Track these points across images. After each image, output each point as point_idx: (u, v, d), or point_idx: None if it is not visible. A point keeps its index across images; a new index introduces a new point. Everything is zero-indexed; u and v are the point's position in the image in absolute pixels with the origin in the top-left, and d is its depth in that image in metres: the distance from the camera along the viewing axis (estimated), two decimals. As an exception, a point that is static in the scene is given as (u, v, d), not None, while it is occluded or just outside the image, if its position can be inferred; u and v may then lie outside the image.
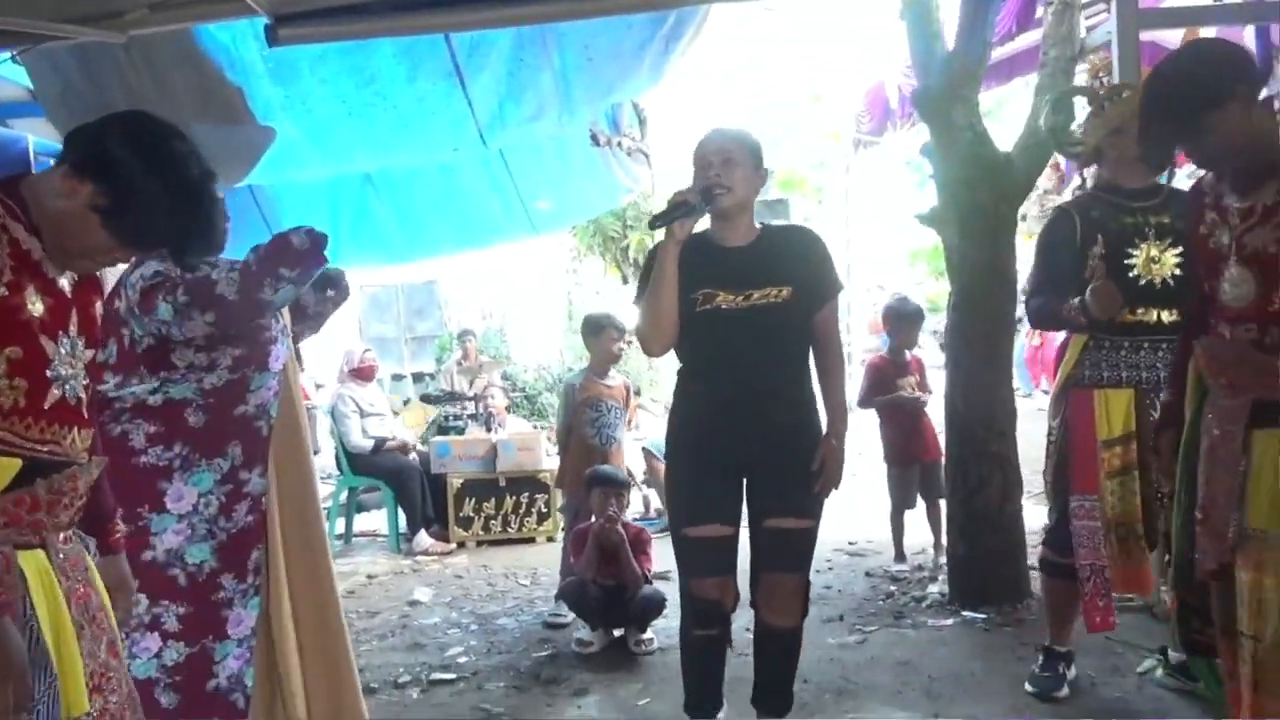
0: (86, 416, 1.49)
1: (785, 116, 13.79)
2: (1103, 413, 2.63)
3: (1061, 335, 2.92)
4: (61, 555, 1.46)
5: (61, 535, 1.46)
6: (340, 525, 5.78)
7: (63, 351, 1.42)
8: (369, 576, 4.91)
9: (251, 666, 2.26)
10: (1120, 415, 2.61)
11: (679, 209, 2.25)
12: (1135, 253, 2.57)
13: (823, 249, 2.42)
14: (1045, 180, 7.26)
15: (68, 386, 1.43)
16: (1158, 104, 1.89)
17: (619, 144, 6.00)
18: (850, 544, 4.83)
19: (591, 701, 3.01)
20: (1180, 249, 2.57)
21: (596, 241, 11.36)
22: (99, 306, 1.56)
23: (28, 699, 1.31)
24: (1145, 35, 4.21)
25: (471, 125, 4.50)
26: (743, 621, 2.61)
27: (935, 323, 6.10)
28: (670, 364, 2.49)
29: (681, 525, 2.37)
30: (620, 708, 2.95)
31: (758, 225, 2.40)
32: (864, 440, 7.58)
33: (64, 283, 1.45)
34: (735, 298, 2.28)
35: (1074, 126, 2.92)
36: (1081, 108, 2.85)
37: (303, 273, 2.20)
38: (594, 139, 5.67)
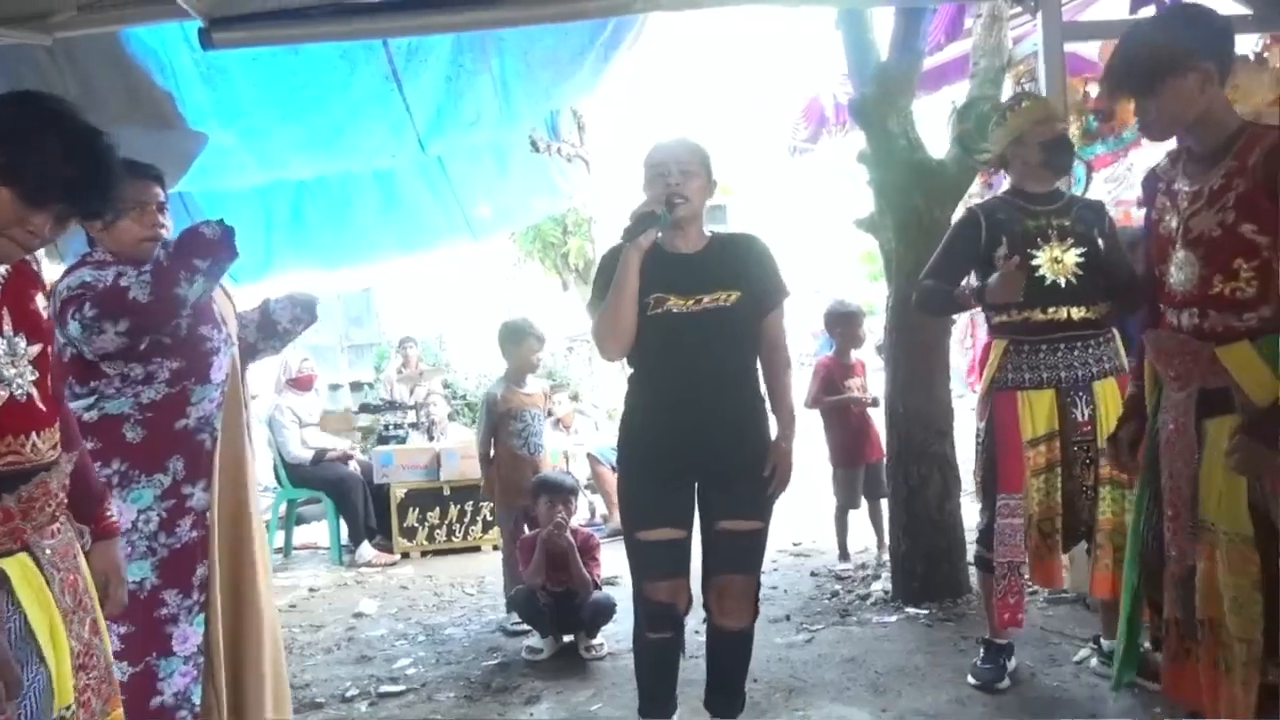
0: (45, 410, 1.47)
1: (722, 124, 13.95)
2: (1026, 413, 2.71)
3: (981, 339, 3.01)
4: (49, 550, 1.47)
5: (48, 530, 1.47)
6: (280, 539, 5.68)
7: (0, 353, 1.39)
8: (311, 589, 4.82)
9: (199, 684, 2.21)
10: (1043, 415, 2.69)
11: (646, 220, 2.29)
12: (1038, 254, 2.66)
13: (770, 255, 2.47)
14: (976, 186, 7.47)
15: (14, 386, 1.41)
16: (1126, 55, 1.91)
17: (558, 150, 6.01)
18: (795, 545, 4.90)
19: (543, 708, 3.00)
20: (1082, 250, 2.68)
21: (536, 247, 11.33)
22: (40, 300, 1.53)
23: (17, 689, 1.36)
24: (1069, 47, 4.38)
25: (410, 131, 4.46)
26: (693, 624, 2.63)
27: (874, 327, 6.23)
28: (611, 368, 2.51)
29: (634, 529, 2.39)
30: (572, 713, 2.95)
31: (707, 233, 2.45)
32: (808, 441, 7.71)
33: None
34: (686, 302, 2.32)
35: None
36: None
37: (214, 264, 2.17)
38: (534, 145, 5.66)
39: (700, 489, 2.39)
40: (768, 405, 2.45)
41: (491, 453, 4.01)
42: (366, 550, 5.30)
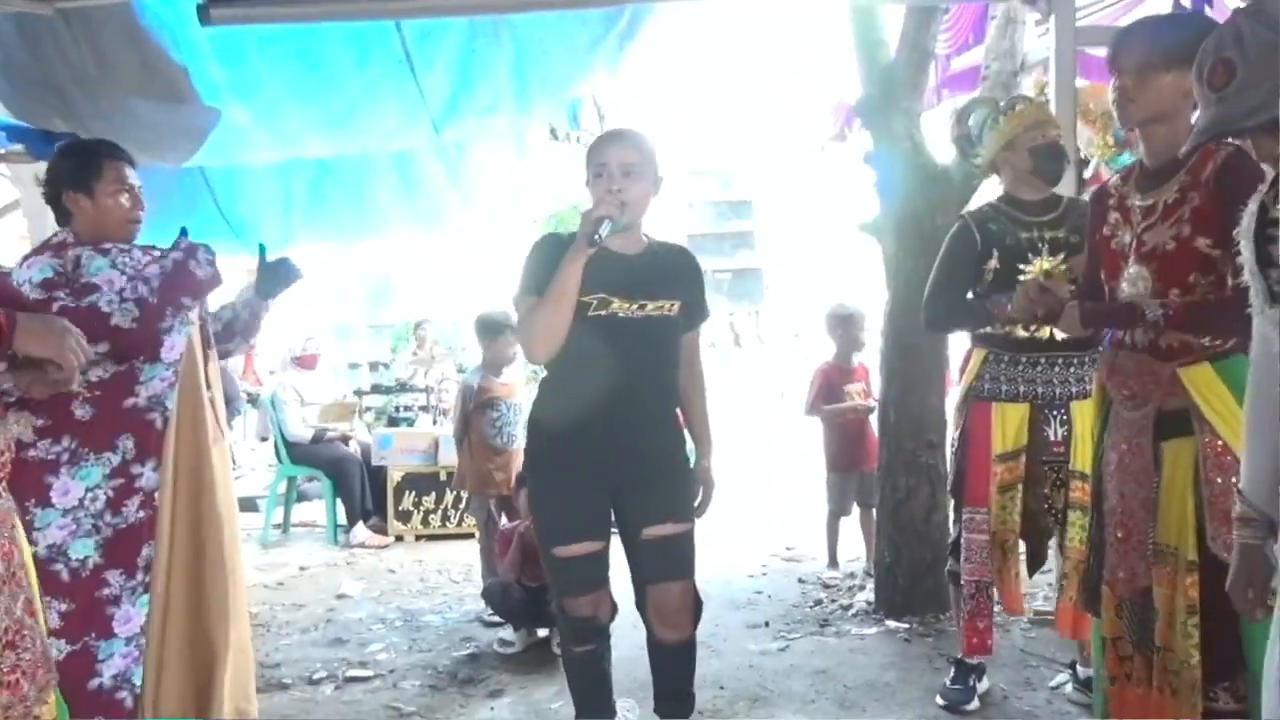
0: None
1: (749, 115, 13.83)
2: (999, 426, 2.66)
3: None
4: None
5: None
6: (279, 515, 5.75)
7: None
8: (301, 568, 4.87)
9: (140, 665, 2.22)
10: (1014, 429, 2.64)
11: (601, 225, 2.18)
12: (1028, 268, 2.59)
13: (700, 272, 2.47)
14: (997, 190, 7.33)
15: None
16: (1131, 31, 1.93)
17: (577, 138, 6.00)
18: (787, 549, 4.86)
19: (504, 703, 3.00)
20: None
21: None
22: None
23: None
24: (1096, 52, 4.27)
25: (424, 114, 4.47)
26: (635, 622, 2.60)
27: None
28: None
29: (550, 544, 2.32)
30: (532, 710, 2.95)
31: (644, 238, 2.38)
32: (804, 445, 7.65)
33: None
34: (630, 305, 2.26)
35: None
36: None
37: (202, 301, 2.22)
38: (553, 133, 5.66)
39: (620, 497, 2.32)
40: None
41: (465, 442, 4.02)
42: (360, 531, 5.35)
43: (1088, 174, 4.25)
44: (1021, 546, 2.73)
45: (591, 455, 2.28)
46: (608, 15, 4.05)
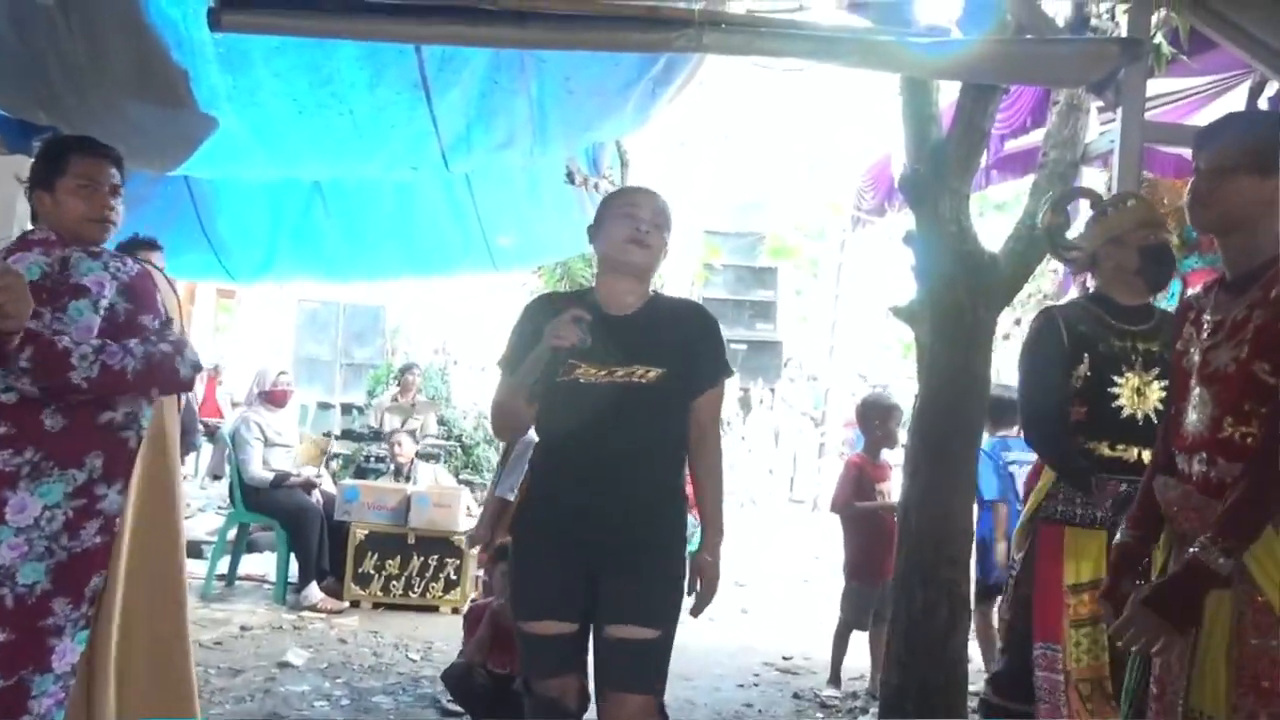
0: None
1: (779, 180, 14.01)
2: (1072, 554, 2.62)
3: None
4: None
5: None
6: (224, 565, 5.68)
7: None
8: (243, 628, 4.79)
9: (63, 709, 2.18)
10: (1091, 559, 2.59)
11: (565, 350, 2.22)
12: (1120, 380, 2.59)
13: (713, 328, 2.41)
14: (1048, 285, 7.40)
15: None
16: (1217, 128, 1.93)
17: (596, 185, 6.09)
18: (784, 659, 4.78)
19: (455, 805, 2.92)
20: (1167, 381, 2.59)
21: (564, 286, 11.39)
22: None
23: None
24: (1169, 149, 4.33)
25: (434, 144, 4.54)
26: None
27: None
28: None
29: (519, 617, 2.34)
30: (487, 816, 2.87)
31: (650, 292, 2.40)
32: (816, 546, 7.58)
33: None
34: (597, 372, 2.25)
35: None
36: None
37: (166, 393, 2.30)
38: (569, 177, 5.74)
39: (595, 581, 2.28)
40: (687, 496, 2.41)
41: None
42: (313, 592, 5.27)
43: None
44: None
45: (570, 531, 2.27)
46: (643, 59, 4.12)
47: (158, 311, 2.39)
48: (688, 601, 2.35)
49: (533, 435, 4.38)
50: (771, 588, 6.33)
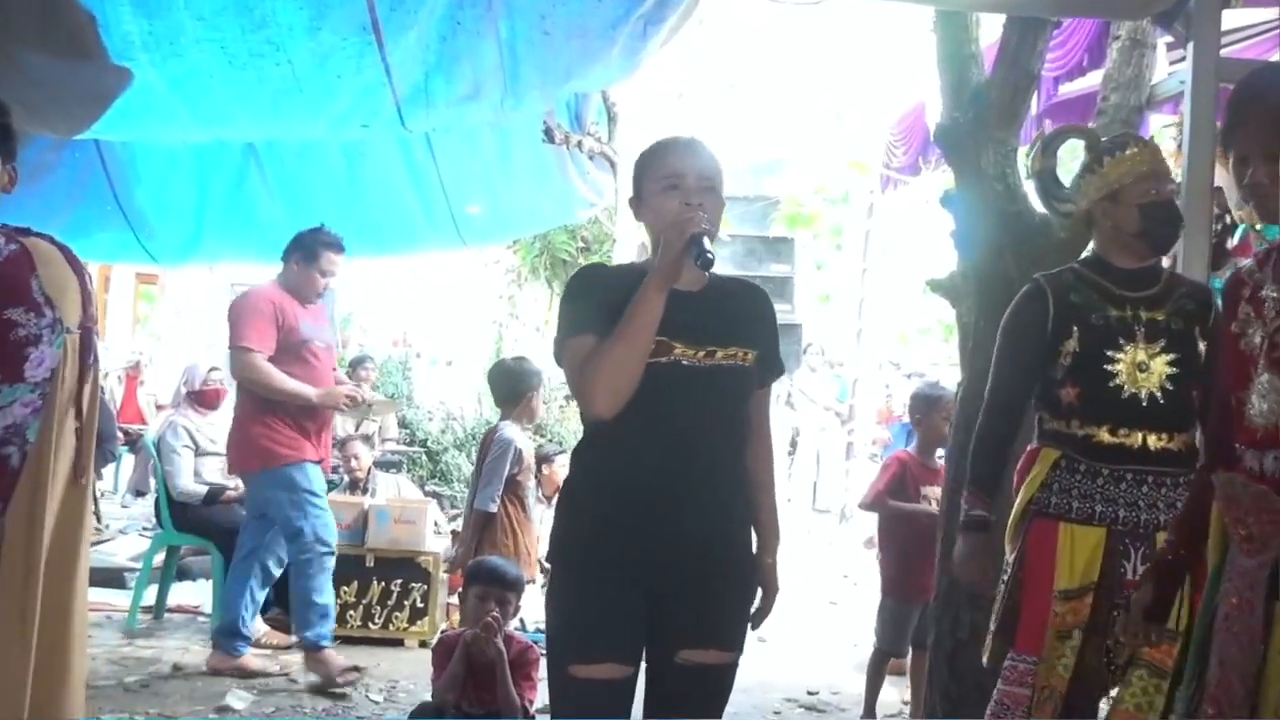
0: None
1: (796, 135, 13.99)
2: (1065, 554, 2.65)
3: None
4: None
5: None
6: (151, 595, 5.69)
7: None
8: (175, 667, 4.80)
9: None
10: (1084, 559, 2.63)
11: (701, 239, 2.21)
12: (1119, 356, 2.61)
13: (775, 317, 2.48)
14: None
15: None
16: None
17: (579, 144, 6.09)
18: (809, 694, 4.80)
19: None
20: (1175, 355, 2.63)
21: (543, 264, 11.41)
22: None
23: None
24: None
25: (388, 98, 4.53)
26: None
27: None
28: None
29: (566, 659, 2.28)
30: None
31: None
32: (853, 561, 7.60)
33: None
34: (696, 353, 2.27)
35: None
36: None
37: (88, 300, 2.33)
38: (548, 134, 5.75)
39: (657, 604, 2.29)
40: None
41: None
42: (257, 625, 5.27)
43: (1232, 243, 4.28)
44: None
45: (633, 546, 2.25)
46: (629, -6, 4.13)
47: (32, 305, 2.34)
48: None
49: (509, 436, 4.51)
50: (793, 612, 6.31)
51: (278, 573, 4.94)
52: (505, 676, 3.43)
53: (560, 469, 5.95)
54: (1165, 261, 2.93)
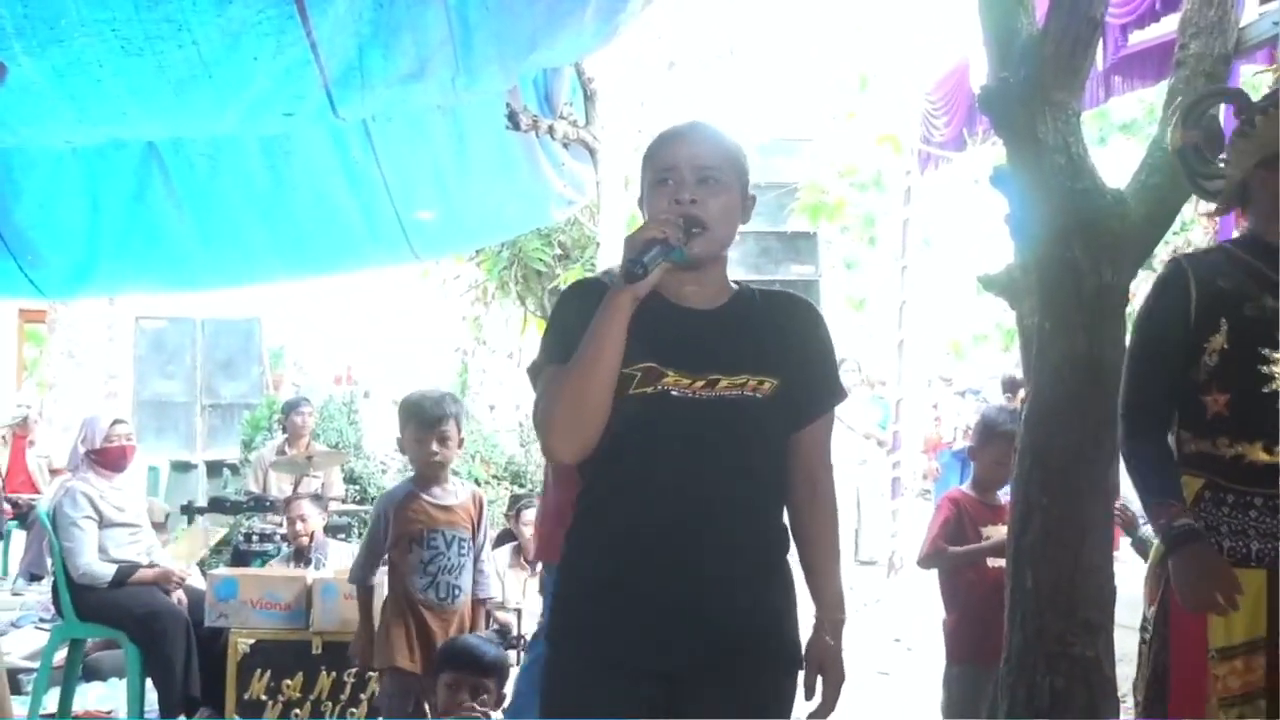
0: None
1: (817, 109, 14.03)
2: None
3: None
4: None
5: None
6: (53, 700, 5.65)
7: None
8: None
9: None
10: (1245, 609, 2.63)
11: (652, 247, 2.22)
12: (1278, 355, 2.61)
13: (826, 334, 2.48)
14: (1199, 236, 7.46)
15: None
16: None
17: (550, 130, 6.12)
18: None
19: None
20: None
21: (514, 277, 11.45)
22: None
23: None
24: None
25: (315, 79, 4.55)
26: None
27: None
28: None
29: None
30: None
31: (733, 283, 2.45)
32: (907, 622, 7.59)
33: None
34: (693, 383, 2.28)
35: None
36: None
37: None
38: (512, 119, 5.77)
39: (672, 692, 2.31)
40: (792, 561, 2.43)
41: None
42: (183, 731, 5.29)
43: None
44: None
45: (636, 621, 2.27)
46: (602, -55, 4.17)
47: None
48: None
49: (385, 496, 4.39)
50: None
51: None
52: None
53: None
54: None
